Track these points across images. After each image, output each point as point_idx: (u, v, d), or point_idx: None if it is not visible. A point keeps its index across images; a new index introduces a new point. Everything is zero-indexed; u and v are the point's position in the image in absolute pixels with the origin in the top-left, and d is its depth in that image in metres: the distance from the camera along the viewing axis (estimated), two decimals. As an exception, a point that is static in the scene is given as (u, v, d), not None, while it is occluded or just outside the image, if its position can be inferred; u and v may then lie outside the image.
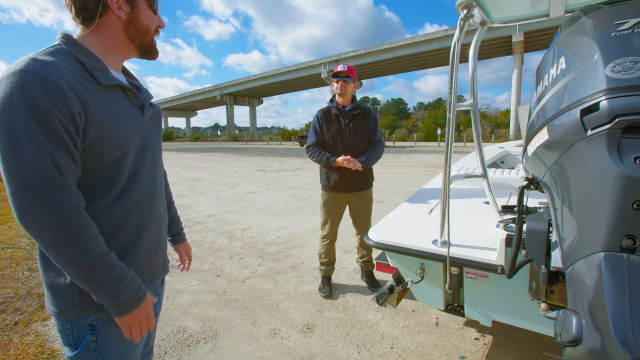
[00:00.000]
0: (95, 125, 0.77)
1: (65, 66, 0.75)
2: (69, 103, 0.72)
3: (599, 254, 0.72)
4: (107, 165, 0.83)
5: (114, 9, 0.84)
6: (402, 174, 10.30)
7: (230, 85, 60.19)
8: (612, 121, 0.71)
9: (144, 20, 0.89)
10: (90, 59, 0.81)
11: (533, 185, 1.11)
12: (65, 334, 0.87)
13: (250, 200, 6.63)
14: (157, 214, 1.00)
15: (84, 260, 0.75)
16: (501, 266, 1.32)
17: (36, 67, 0.70)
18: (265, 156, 20.02)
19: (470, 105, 1.42)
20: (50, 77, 0.70)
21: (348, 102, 2.64)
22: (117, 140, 0.82)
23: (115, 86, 0.86)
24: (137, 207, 0.91)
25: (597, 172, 0.74)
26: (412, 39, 36.25)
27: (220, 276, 3.13)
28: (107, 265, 0.79)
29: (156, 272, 1.02)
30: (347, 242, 3.92)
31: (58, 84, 0.71)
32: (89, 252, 0.75)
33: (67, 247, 0.73)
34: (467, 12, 1.20)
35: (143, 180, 0.92)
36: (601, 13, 0.89)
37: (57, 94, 0.70)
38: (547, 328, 1.44)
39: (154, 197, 0.98)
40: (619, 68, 0.74)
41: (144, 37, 0.91)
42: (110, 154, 0.82)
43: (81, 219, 0.75)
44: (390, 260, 1.78)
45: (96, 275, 0.77)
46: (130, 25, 0.87)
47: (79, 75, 0.77)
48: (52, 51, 0.78)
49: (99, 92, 0.80)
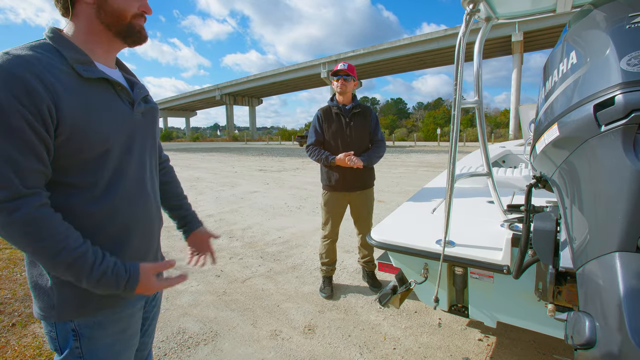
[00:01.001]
0: (70, 120, 0.73)
1: (41, 60, 0.72)
2: (34, 97, 0.68)
3: (614, 254, 0.70)
4: (89, 162, 0.79)
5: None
6: (402, 174, 10.28)
7: (229, 85, 60.15)
8: (628, 116, 0.68)
9: (115, 2, 0.82)
10: (71, 52, 0.78)
11: (541, 184, 1.08)
12: (51, 338, 0.84)
13: (250, 200, 6.60)
14: (147, 216, 0.93)
15: (59, 263, 0.72)
16: (507, 266, 1.30)
17: (4, 62, 0.68)
18: (265, 156, 19.99)
19: (475, 103, 1.40)
20: (15, 70, 0.67)
21: (348, 100, 2.61)
22: (97, 136, 0.78)
23: (99, 80, 0.81)
24: (123, 207, 0.85)
25: (612, 169, 0.71)
26: (411, 38, 36.25)
27: (220, 277, 3.10)
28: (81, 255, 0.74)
29: None
30: (348, 242, 3.89)
31: (24, 78, 0.67)
32: (59, 255, 0.72)
33: (36, 251, 0.71)
34: (473, 6, 1.17)
35: (130, 180, 0.87)
36: (614, 5, 0.86)
37: (21, 88, 0.67)
38: (553, 329, 1.41)
39: (142, 198, 0.92)
40: (635, 61, 0.72)
41: (119, 22, 0.84)
42: (91, 150, 0.78)
43: (44, 217, 0.71)
44: (394, 260, 1.76)
45: (71, 269, 0.74)
46: (101, 10, 0.81)
47: (56, 69, 0.73)
48: (33, 45, 0.75)
49: (78, 85, 0.76)
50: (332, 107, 2.61)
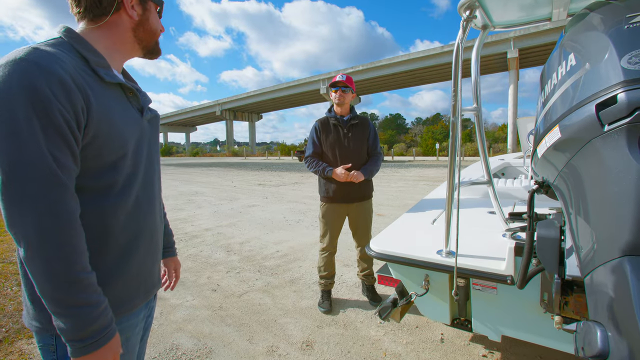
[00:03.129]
0: (96, 123, 0.73)
1: (68, 59, 0.72)
2: (72, 97, 0.68)
3: (623, 258, 0.66)
4: (105, 167, 0.78)
5: (128, 9, 0.83)
6: (401, 188, 10.25)
7: (230, 100, 60.81)
8: (632, 114, 0.66)
9: (153, 23, 0.90)
10: (93, 55, 0.78)
11: (544, 189, 1.06)
12: (48, 351, 0.79)
13: (249, 214, 6.55)
14: (154, 221, 0.94)
15: (65, 275, 0.66)
16: (511, 276, 1.26)
17: (39, 57, 0.66)
18: (264, 171, 20.00)
19: (474, 110, 1.39)
20: (53, 68, 0.66)
21: (346, 111, 2.61)
22: (117, 141, 0.78)
23: (116, 85, 0.83)
24: (135, 213, 0.85)
25: (617, 170, 0.69)
26: (409, 55, 36.89)
27: (216, 291, 3.03)
28: (86, 287, 0.69)
29: (151, 285, 0.96)
30: (347, 255, 3.83)
31: (61, 76, 0.67)
32: (73, 268, 0.67)
33: (51, 257, 0.65)
34: (469, 13, 1.18)
35: (140, 185, 0.87)
36: (611, 8, 0.86)
37: (60, 86, 0.66)
38: (561, 343, 1.36)
39: (151, 203, 0.92)
40: (637, 59, 0.70)
41: (151, 39, 0.91)
42: (109, 155, 0.77)
43: (75, 227, 0.68)
44: (393, 272, 1.71)
45: (70, 296, 0.67)
46: (140, 27, 0.87)
47: (82, 70, 0.74)
48: (54, 43, 0.74)
49: (101, 89, 0.77)
50: (330, 118, 2.60)
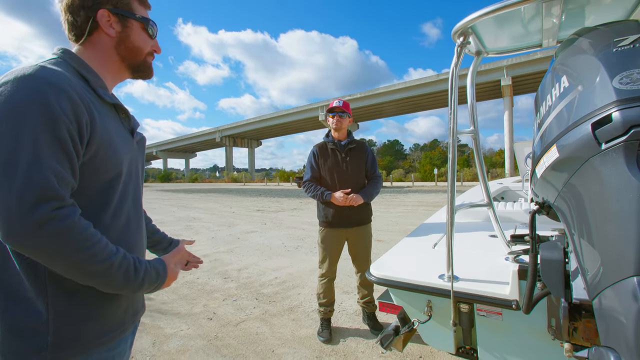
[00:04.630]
0: (98, 140, 0.74)
1: (72, 77, 0.74)
2: (78, 113, 0.69)
3: (631, 279, 0.64)
4: (100, 185, 0.78)
5: (104, 27, 0.84)
6: (401, 213, 10.20)
7: (230, 127, 61.76)
8: (628, 132, 0.67)
9: (136, 40, 0.89)
10: (92, 75, 0.81)
11: (545, 210, 1.05)
12: None
13: (247, 240, 6.46)
14: (141, 241, 0.93)
15: (96, 269, 0.70)
16: (516, 301, 1.22)
17: (47, 74, 0.68)
18: (263, 197, 19.96)
19: (472, 132, 1.40)
20: (62, 84, 0.68)
21: (344, 136, 2.64)
22: (113, 160, 0.79)
23: (111, 105, 0.85)
24: (126, 233, 0.85)
25: (618, 188, 0.68)
26: (405, 83, 37.95)
27: (212, 319, 2.93)
28: (120, 264, 0.74)
29: (138, 308, 0.94)
30: (346, 282, 3.74)
31: (69, 92, 0.69)
32: (97, 260, 0.70)
33: (72, 262, 0.67)
34: (463, 39, 1.22)
35: (130, 205, 0.88)
36: (598, 33, 0.89)
37: (68, 102, 0.68)
38: None
39: (139, 223, 0.93)
40: (627, 80, 0.72)
41: (135, 57, 0.91)
42: (105, 173, 0.78)
43: (78, 225, 0.68)
44: (395, 298, 1.66)
45: (113, 277, 0.73)
46: (121, 44, 0.87)
47: (84, 89, 0.76)
48: (55, 62, 0.76)
49: (101, 108, 0.79)
50: (328, 143, 2.63)
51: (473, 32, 1.26)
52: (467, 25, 1.17)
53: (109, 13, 0.83)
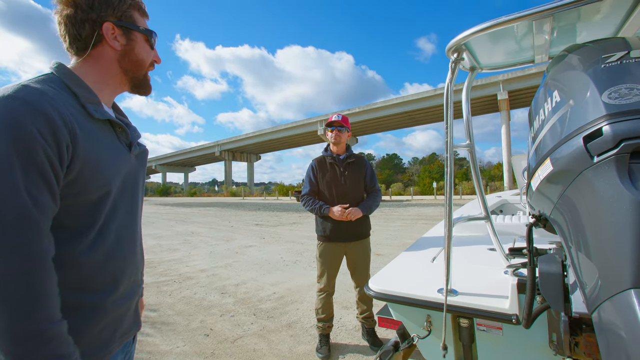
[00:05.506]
0: (82, 160, 0.71)
1: (57, 95, 0.71)
2: (57, 134, 0.66)
3: (629, 291, 0.64)
4: (87, 204, 0.75)
5: (109, 40, 0.82)
6: (400, 227, 10.16)
7: (229, 141, 62.05)
8: (619, 146, 0.68)
9: (140, 53, 0.87)
10: (83, 91, 0.78)
11: (541, 223, 1.05)
12: None
13: (245, 255, 6.41)
14: (135, 259, 0.90)
15: (27, 327, 0.60)
16: (516, 315, 1.20)
17: (26, 94, 0.66)
18: (262, 211, 19.89)
19: (467, 146, 1.42)
20: (40, 104, 0.65)
21: (342, 150, 2.66)
22: (102, 178, 0.76)
23: (105, 121, 0.82)
24: (116, 251, 0.82)
25: (611, 200, 0.69)
26: (403, 98, 38.41)
27: (209, 336, 2.88)
28: (50, 339, 0.63)
29: (127, 328, 0.89)
30: (345, 297, 3.70)
31: (48, 113, 0.66)
32: (37, 318, 0.61)
33: (11, 306, 0.59)
34: (457, 55, 1.24)
35: (122, 222, 0.85)
36: (587, 49, 0.92)
37: (45, 123, 0.65)
38: None
39: (133, 240, 0.89)
40: (616, 95, 0.74)
41: (138, 70, 0.89)
42: (94, 192, 0.75)
43: (44, 270, 0.64)
44: (394, 312, 1.64)
45: (33, 352, 0.61)
46: (125, 57, 0.85)
47: (70, 107, 0.73)
48: (44, 79, 0.73)
49: (90, 125, 0.76)
50: (327, 157, 2.64)
51: (466, 48, 1.29)
52: (460, 42, 1.20)
53: (113, 26, 0.82)
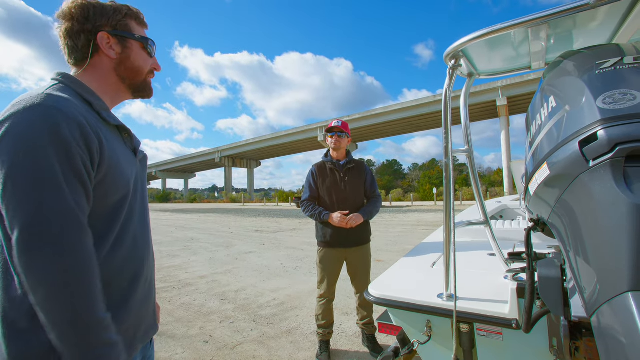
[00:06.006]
0: (107, 164, 0.75)
1: (79, 103, 0.74)
2: (88, 140, 0.70)
3: (626, 294, 0.65)
4: (108, 207, 0.78)
5: (104, 49, 0.84)
6: (400, 233, 10.14)
7: (229, 148, 62.17)
8: (614, 150, 0.70)
9: (136, 61, 0.89)
10: (95, 99, 0.81)
11: (540, 227, 1.05)
12: None
13: (245, 261, 6.39)
14: (149, 259, 0.93)
15: (90, 317, 0.65)
16: (516, 320, 1.20)
17: (55, 102, 0.68)
18: (262, 217, 19.87)
19: (466, 151, 1.43)
20: (71, 112, 0.68)
21: (342, 156, 2.67)
22: (121, 181, 0.80)
23: (114, 127, 0.85)
24: (134, 252, 0.84)
25: (608, 204, 0.70)
26: (403, 104, 38.55)
27: (208, 342, 2.86)
28: (107, 327, 0.69)
29: (147, 328, 0.92)
30: (346, 303, 3.68)
31: (79, 120, 0.69)
32: (97, 308, 0.66)
33: (72, 301, 0.64)
34: (454, 62, 1.26)
35: (137, 224, 0.88)
36: (582, 56, 0.94)
37: (78, 130, 0.68)
38: None
39: (147, 241, 0.92)
40: (610, 100, 0.75)
41: (136, 77, 0.91)
42: (114, 195, 0.78)
43: (94, 267, 0.68)
44: (394, 318, 1.64)
45: (95, 339, 0.66)
46: (121, 65, 0.87)
47: (89, 113, 0.76)
48: (59, 88, 0.75)
49: (107, 131, 0.79)
50: (327, 162, 2.65)
51: (464, 55, 1.31)
52: (457, 49, 1.21)
53: (108, 35, 0.84)
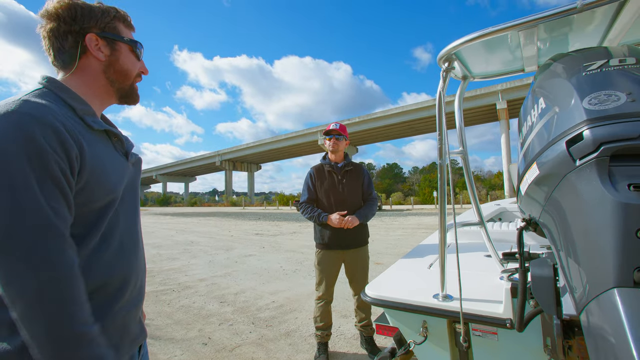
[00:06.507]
0: (89, 170, 0.73)
1: (58, 108, 0.72)
2: (66, 146, 0.67)
3: (612, 290, 0.66)
4: (93, 213, 0.77)
5: (93, 51, 0.82)
6: (400, 236, 10.14)
7: (229, 151, 62.27)
8: (598, 149, 0.71)
9: (125, 63, 0.88)
10: (79, 103, 0.79)
11: (532, 227, 1.07)
12: None
13: (245, 264, 6.39)
14: (138, 264, 0.91)
15: (69, 332, 0.63)
16: (510, 319, 1.21)
17: (30, 108, 0.66)
18: (262, 220, 19.86)
19: (461, 152, 1.45)
20: (46, 118, 0.66)
21: (340, 158, 2.69)
22: (107, 187, 0.78)
23: (102, 132, 0.83)
24: (120, 257, 0.83)
25: (593, 202, 0.71)
26: (402, 108, 38.66)
27: (207, 345, 2.86)
28: (90, 341, 0.66)
29: (135, 335, 0.90)
30: (344, 305, 3.68)
31: (55, 126, 0.66)
32: (76, 322, 0.64)
33: (53, 313, 0.62)
34: (448, 64, 1.28)
35: (125, 228, 0.86)
36: (570, 58, 0.96)
37: (54, 137, 0.66)
38: None
39: (135, 246, 0.91)
40: (595, 101, 0.77)
41: (124, 80, 0.89)
42: (99, 201, 0.77)
43: (74, 277, 0.66)
44: (390, 319, 1.65)
45: (75, 354, 0.64)
46: (110, 68, 0.86)
47: (71, 119, 0.74)
48: (40, 93, 0.73)
49: (90, 137, 0.77)
50: (325, 165, 2.67)
51: (457, 57, 1.33)
52: (450, 52, 1.23)
53: (97, 37, 0.83)
